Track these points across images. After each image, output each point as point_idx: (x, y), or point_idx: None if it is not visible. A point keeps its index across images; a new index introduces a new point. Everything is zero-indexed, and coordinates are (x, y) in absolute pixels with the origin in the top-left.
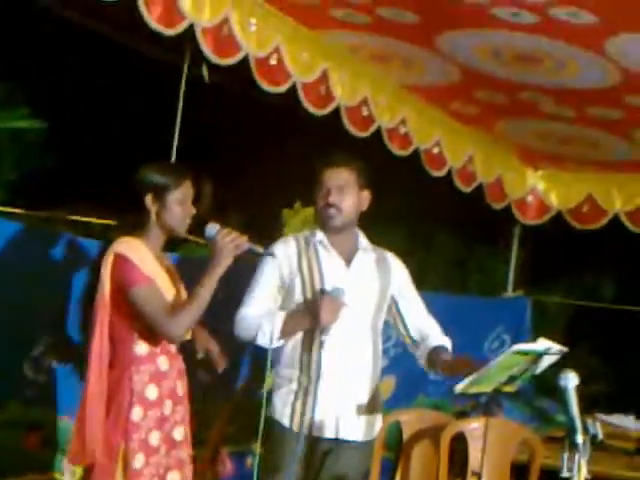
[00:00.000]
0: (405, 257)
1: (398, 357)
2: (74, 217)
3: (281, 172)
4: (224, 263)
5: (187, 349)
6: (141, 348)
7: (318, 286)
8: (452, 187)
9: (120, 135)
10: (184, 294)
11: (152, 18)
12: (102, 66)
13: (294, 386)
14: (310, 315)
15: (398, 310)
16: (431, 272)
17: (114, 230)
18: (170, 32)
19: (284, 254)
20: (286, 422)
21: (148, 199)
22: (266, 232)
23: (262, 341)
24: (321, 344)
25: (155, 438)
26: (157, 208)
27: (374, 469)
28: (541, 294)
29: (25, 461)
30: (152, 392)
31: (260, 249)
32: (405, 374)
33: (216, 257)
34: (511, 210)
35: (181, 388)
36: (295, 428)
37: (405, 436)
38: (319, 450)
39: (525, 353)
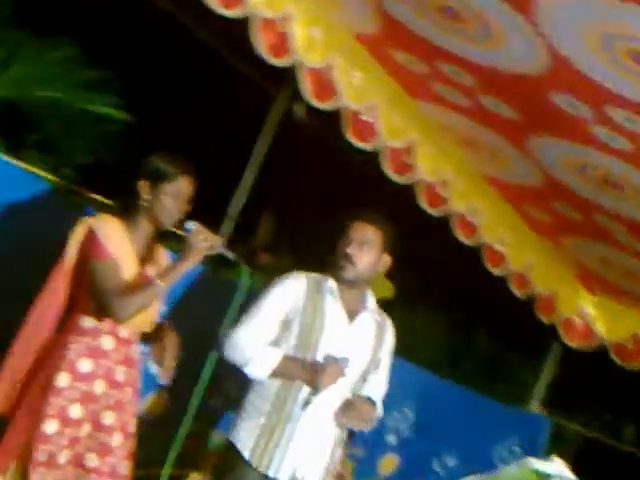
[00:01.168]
0: (442, 345)
1: (408, 439)
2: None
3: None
4: (193, 260)
5: None
6: (88, 321)
7: (317, 334)
8: (504, 287)
9: (199, 145)
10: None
11: (263, 44)
12: (201, 75)
13: (262, 420)
14: (310, 372)
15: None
16: (463, 365)
17: (107, 209)
18: (276, 62)
19: (293, 289)
20: (246, 454)
21: (141, 184)
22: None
23: (252, 371)
24: (307, 400)
25: (76, 412)
26: (149, 196)
27: None
28: (563, 416)
29: None
30: (85, 365)
31: (231, 255)
32: (410, 457)
33: (186, 253)
34: (556, 327)
35: (123, 374)
36: (254, 463)
37: None
38: None
39: (536, 472)
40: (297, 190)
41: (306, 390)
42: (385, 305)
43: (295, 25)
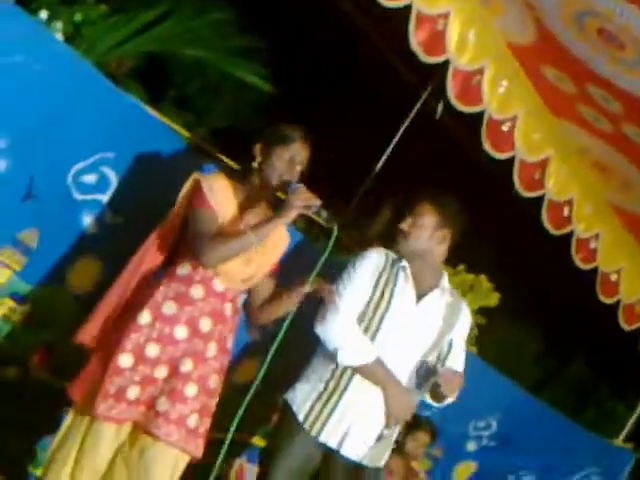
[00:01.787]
0: (536, 363)
1: (488, 449)
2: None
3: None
4: (287, 215)
5: None
6: (183, 268)
7: (382, 310)
8: (610, 316)
9: (334, 126)
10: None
11: (415, 39)
12: (348, 58)
13: (321, 387)
14: (393, 391)
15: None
16: (553, 386)
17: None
18: (425, 59)
19: (376, 263)
20: (300, 417)
21: (257, 147)
22: None
23: (341, 358)
24: (381, 435)
25: (153, 351)
26: (262, 157)
27: None
28: None
29: None
30: (169, 308)
31: (326, 215)
32: (488, 468)
33: (283, 208)
34: None
35: (209, 326)
36: (306, 425)
37: None
38: (319, 453)
39: None
40: (420, 185)
41: None
42: (486, 313)
43: (451, 24)
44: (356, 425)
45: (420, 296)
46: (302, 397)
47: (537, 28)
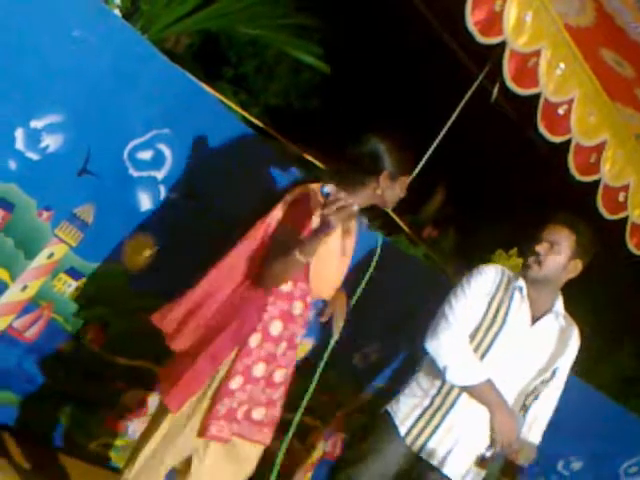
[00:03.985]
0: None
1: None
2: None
3: (516, 213)
4: (329, 227)
5: None
6: (286, 285)
7: (496, 330)
8: None
9: (388, 106)
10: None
11: (471, 19)
12: (402, 38)
13: (426, 402)
14: (501, 416)
15: (546, 380)
16: (603, 368)
17: (330, 173)
18: (481, 39)
19: (491, 279)
20: (402, 431)
21: (384, 176)
22: (472, 259)
23: (448, 376)
24: (483, 456)
25: (259, 370)
26: (385, 185)
27: None
28: None
29: None
30: (276, 328)
31: (365, 221)
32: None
33: (322, 227)
34: None
35: (300, 336)
36: (408, 441)
37: None
38: (417, 470)
39: None
40: (474, 170)
41: None
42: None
43: (508, 5)
44: (459, 445)
45: (535, 319)
46: (406, 411)
47: (597, 11)
